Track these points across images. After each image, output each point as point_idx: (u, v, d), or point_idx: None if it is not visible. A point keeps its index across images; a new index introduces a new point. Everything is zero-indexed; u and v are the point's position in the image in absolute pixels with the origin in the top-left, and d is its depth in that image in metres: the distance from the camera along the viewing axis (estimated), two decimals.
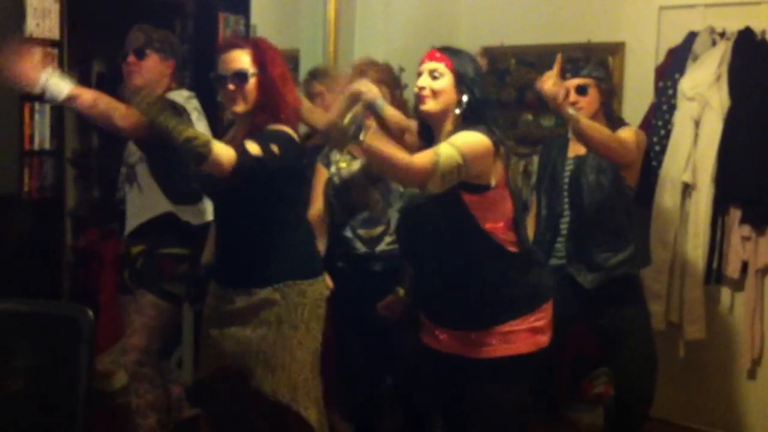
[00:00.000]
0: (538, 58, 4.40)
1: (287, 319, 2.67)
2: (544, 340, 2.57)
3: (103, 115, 2.87)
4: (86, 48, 4.34)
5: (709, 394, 3.96)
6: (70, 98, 2.79)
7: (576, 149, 3.38)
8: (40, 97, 3.58)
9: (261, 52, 2.65)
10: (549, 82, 2.90)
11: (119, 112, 2.88)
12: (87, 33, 4.07)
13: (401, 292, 3.08)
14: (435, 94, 2.47)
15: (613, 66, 4.17)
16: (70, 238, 4.22)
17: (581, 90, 3.27)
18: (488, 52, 4.64)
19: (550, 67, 2.97)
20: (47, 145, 3.62)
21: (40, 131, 3.57)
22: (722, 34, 3.78)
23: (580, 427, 3.94)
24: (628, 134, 3.23)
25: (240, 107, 2.63)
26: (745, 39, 3.71)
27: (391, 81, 3.24)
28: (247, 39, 2.68)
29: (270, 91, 2.63)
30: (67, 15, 3.59)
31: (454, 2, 4.77)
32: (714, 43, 3.79)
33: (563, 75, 3.31)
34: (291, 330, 2.68)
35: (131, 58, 3.18)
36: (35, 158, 3.53)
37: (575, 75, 3.29)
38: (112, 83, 4.50)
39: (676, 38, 3.92)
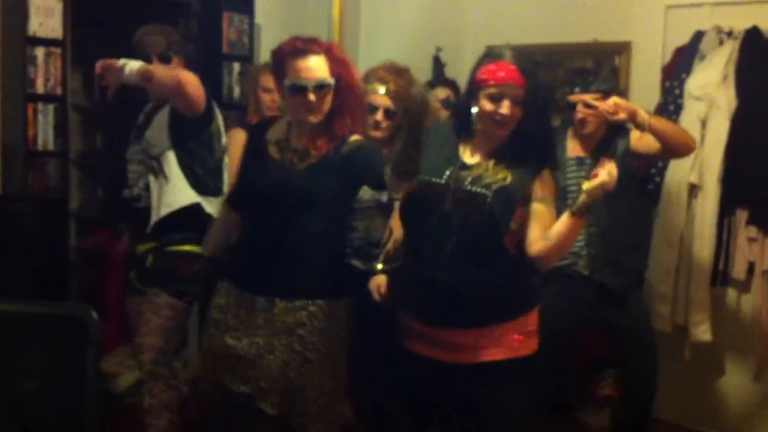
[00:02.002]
0: (544, 58, 4.39)
1: (311, 342, 2.57)
2: (534, 344, 2.59)
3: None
4: (90, 47, 4.33)
5: (715, 397, 3.94)
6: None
7: (575, 149, 3.38)
8: (43, 98, 3.60)
9: (335, 58, 2.56)
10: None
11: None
12: (90, 32, 4.06)
13: (379, 267, 2.89)
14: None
15: (619, 65, 4.16)
16: (75, 239, 4.21)
17: (590, 105, 3.27)
18: None
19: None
20: (51, 146, 3.63)
21: (44, 132, 3.58)
22: (729, 34, 3.76)
23: (587, 428, 3.93)
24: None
25: (318, 118, 2.54)
26: (753, 38, 3.69)
27: (407, 96, 3.05)
28: (318, 42, 2.57)
29: (347, 99, 2.56)
30: (71, 14, 3.59)
31: (460, 2, 4.75)
32: (721, 43, 3.77)
33: (571, 87, 3.31)
34: (315, 354, 2.58)
35: (157, 64, 3.14)
36: (39, 159, 3.54)
37: (584, 90, 3.29)
38: None
39: (683, 37, 3.90)
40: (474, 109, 2.52)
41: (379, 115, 3.02)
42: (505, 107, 2.46)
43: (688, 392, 3.98)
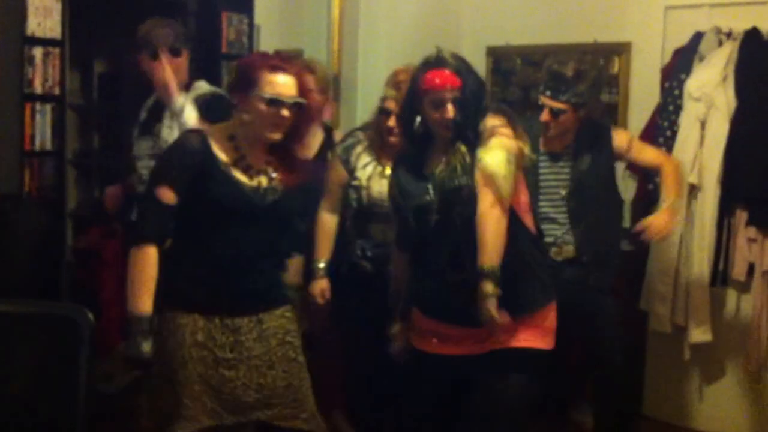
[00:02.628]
0: (543, 58, 4.36)
1: (298, 345, 2.61)
2: (550, 341, 2.59)
3: None
4: (88, 47, 4.33)
5: (714, 397, 3.92)
6: None
7: (549, 145, 3.36)
8: (41, 98, 3.60)
9: (303, 83, 2.55)
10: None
11: None
12: (88, 32, 4.06)
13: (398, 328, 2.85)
14: None
15: (619, 66, 4.15)
16: (71, 239, 4.20)
17: (555, 114, 3.24)
18: (493, 52, 4.62)
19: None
20: (48, 146, 3.62)
21: (41, 132, 3.57)
22: (728, 34, 3.74)
23: (584, 428, 3.91)
24: (653, 151, 3.42)
25: (280, 136, 2.50)
26: (752, 39, 3.67)
27: None
28: (291, 63, 2.56)
29: (307, 122, 2.58)
30: (69, 14, 3.58)
31: (459, 2, 4.75)
32: (720, 43, 3.75)
33: (543, 89, 3.28)
34: (302, 356, 2.63)
35: (167, 57, 3.08)
36: (36, 159, 3.53)
37: (554, 97, 3.23)
38: (113, 83, 4.50)
39: (683, 38, 3.88)
40: (418, 118, 2.57)
41: (392, 121, 3.03)
42: (449, 111, 2.50)
43: (687, 393, 3.97)
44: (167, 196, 2.40)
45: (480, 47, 4.65)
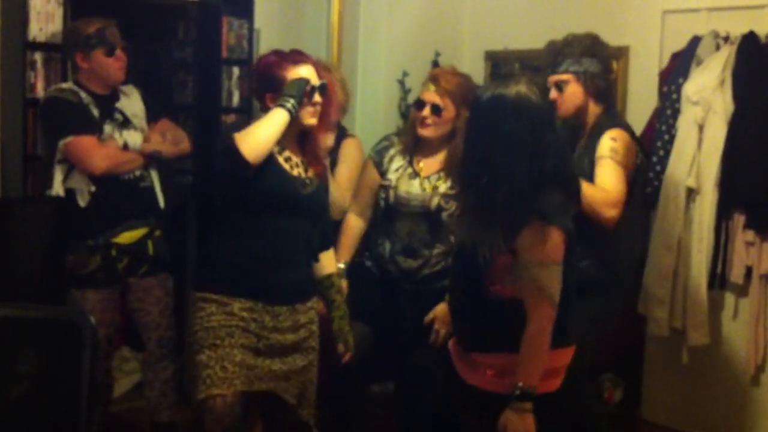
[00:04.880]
0: (542, 62, 4.39)
1: (317, 334, 2.78)
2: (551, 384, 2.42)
3: None
4: None
5: (713, 401, 3.93)
6: None
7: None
8: None
9: (317, 68, 2.78)
10: None
11: None
12: None
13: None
14: None
15: (617, 70, 4.17)
16: None
17: (558, 87, 3.09)
18: (491, 56, 4.64)
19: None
20: None
21: None
22: (726, 38, 3.76)
23: None
24: (612, 184, 2.94)
25: (317, 120, 2.71)
26: (749, 43, 3.69)
27: (461, 98, 3.06)
28: (304, 54, 2.80)
29: (329, 104, 2.77)
30: (71, 20, 3.59)
31: (458, 6, 4.76)
32: (718, 47, 3.77)
33: (549, 70, 3.14)
34: (318, 344, 2.80)
35: (120, 53, 3.25)
36: (38, 163, 3.54)
37: (553, 71, 3.12)
38: None
39: (680, 42, 3.90)
40: None
41: (426, 111, 3.10)
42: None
43: (685, 396, 3.98)
44: None
45: (479, 51, 4.68)
